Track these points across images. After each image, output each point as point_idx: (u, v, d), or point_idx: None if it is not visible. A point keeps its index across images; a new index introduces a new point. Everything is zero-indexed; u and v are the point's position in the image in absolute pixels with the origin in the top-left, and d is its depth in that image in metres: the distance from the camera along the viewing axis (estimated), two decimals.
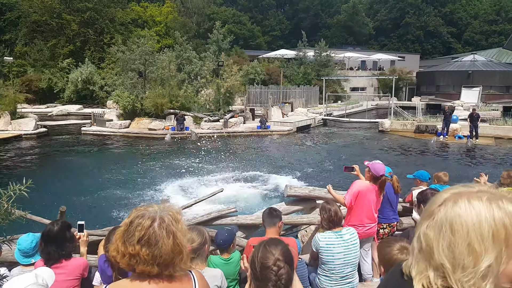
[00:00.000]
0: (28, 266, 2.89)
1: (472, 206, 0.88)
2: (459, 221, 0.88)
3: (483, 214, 0.86)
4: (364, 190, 4.00)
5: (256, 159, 14.11)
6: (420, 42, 73.46)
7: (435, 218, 0.92)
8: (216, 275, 2.66)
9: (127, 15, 39.06)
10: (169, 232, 1.33)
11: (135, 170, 12.40)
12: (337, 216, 3.39)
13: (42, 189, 9.66)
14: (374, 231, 4.14)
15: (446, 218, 0.90)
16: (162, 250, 1.30)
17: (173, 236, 1.33)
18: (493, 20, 74.05)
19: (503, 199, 0.89)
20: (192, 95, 22.23)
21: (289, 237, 3.73)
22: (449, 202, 0.92)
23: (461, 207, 0.89)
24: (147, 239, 1.31)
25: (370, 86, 47.09)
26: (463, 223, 0.87)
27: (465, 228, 0.86)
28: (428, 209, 0.97)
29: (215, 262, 3.05)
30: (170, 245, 1.32)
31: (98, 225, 5.17)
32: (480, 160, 14.43)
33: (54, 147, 16.62)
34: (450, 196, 0.94)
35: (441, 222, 0.90)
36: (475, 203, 0.88)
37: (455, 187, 0.97)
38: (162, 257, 1.31)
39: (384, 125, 20.93)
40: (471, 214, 0.87)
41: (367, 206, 3.97)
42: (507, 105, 33.02)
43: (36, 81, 31.22)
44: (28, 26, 34.51)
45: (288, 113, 25.56)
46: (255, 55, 45.74)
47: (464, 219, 0.87)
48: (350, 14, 70.20)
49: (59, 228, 2.81)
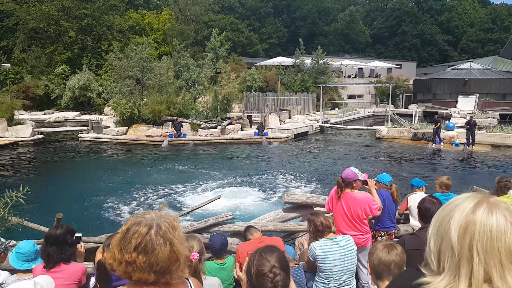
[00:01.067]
0: (25, 273, 2.87)
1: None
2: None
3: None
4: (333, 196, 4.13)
5: (253, 166, 14.12)
6: (416, 50, 74.15)
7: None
8: (213, 284, 2.66)
9: (125, 22, 39.27)
10: (166, 240, 1.32)
11: (132, 177, 12.36)
12: (322, 225, 3.39)
13: (38, 196, 9.62)
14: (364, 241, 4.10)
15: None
16: (158, 257, 1.30)
17: (170, 243, 1.32)
18: (489, 29, 74.94)
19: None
20: (190, 102, 22.28)
21: (275, 237, 3.80)
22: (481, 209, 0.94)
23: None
24: (144, 246, 1.30)
25: (367, 93, 47.36)
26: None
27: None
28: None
29: (210, 267, 3.09)
30: (167, 252, 1.31)
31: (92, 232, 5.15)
32: (476, 167, 14.49)
33: (51, 154, 16.57)
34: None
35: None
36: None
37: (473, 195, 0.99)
38: (158, 265, 1.30)
39: (381, 133, 21.01)
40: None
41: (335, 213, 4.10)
42: (503, 112, 33.25)
43: (33, 88, 31.23)
44: (26, 33, 34.62)
45: (286, 120, 25.63)
46: (253, 62, 45.99)
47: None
48: (347, 22, 70.87)
49: (62, 231, 2.86)
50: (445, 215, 0.98)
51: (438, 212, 1.03)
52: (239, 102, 28.84)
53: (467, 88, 40.62)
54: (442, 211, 1.01)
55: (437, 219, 1.01)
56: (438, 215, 1.02)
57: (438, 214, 1.02)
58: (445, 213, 0.99)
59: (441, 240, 0.96)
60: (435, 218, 1.02)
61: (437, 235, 0.98)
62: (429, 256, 0.99)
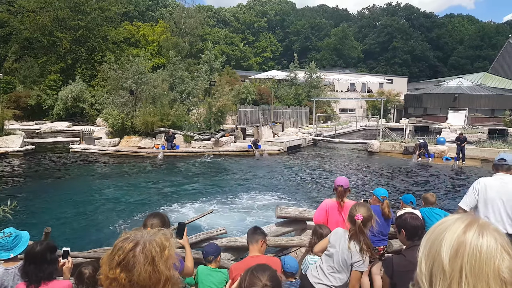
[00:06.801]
0: (9, 262, 2.85)
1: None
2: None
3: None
4: (331, 207, 4.06)
5: (247, 179, 14.06)
6: (407, 65, 75.58)
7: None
8: None
9: (120, 34, 39.41)
10: (148, 258, 1.27)
11: (123, 190, 12.21)
12: None
13: (27, 209, 9.44)
14: None
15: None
16: (140, 276, 1.25)
17: (153, 262, 1.27)
18: (477, 46, 76.84)
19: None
20: (184, 114, 22.27)
21: (272, 257, 3.73)
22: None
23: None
24: (126, 263, 1.26)
25: (359, 107, 47.93)
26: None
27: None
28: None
29: (202, 270, 3.45)
30: (149, 271, 1.26)
31: (81, 246, 5.04)
32: (467, 181, 14.63)
33: (41, 165, 16.33)
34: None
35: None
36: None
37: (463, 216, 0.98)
38: (139, 284, 1.26)
39: (373, 146, 21.17)
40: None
41: (336, 224, 4.00)
42: (492, 128, 33.83)
43: (24, 98, 30.99)
44: (19, 43, 34.55)
45: (279, 133, 25.72)
46: (247, 75, 46.38)
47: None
48: (340, 38, 72.15)
49: (41, 248, 2.76)
50: (436, 237, 0.97)
51: (429, 232, 1.01)
52: (233, 115, 28.92)
53: (457, 103, 41.35)
54: (433, 232, 0.99)
55: (428, 240, 0.99)
56: (428, 236, 1.00)
57: (428, 235, 1.01)
58: (436, 235, 0.97)
59: (433, 262, 0.95)
60: (425, 239, 1.00)
61: (428, 256, 0.96)
62: (421, 278, 0.96)
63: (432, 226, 1.02)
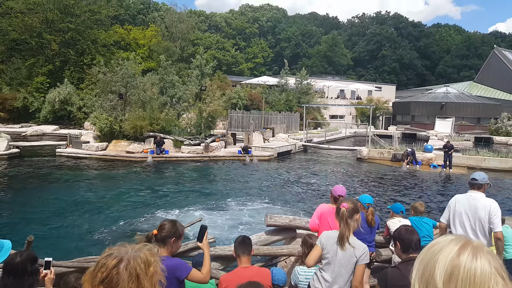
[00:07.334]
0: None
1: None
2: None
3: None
4: (326, 211, 4.11)
5: (236, 186, 13.97)
6: (396, 73, 76.69)
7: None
8: None
9: (110, 37, 39.05)
10: (132, 275, 1.23)
11: (108, 195, 12.01)
12: None
13: (9, 217, 9.19)
14: None
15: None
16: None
17: (137, 279, 1.24)
18: (464, 55, 78.51)
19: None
20: (174, 118, 22.11)
21: (263, 268, 3.68)
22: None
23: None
24: (109, 281, 1.22)
25: (348, 114, 48.38)
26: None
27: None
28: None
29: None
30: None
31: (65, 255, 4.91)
32: (454, 188, 14.80)
33: (25, 169, 15.97)
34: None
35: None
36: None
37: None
38: None
39: (362, 153, 21.32)
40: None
41: (332, 229, 3.97)
42: (478, 135, 34.47)
43: (11, 100, 30.35)
44: (6, 44, 33.92)
45: (269, 139, 25.73)
46: (238, 80, 46.41)
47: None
48: (330, 45, 72.89)
49: (21, 259, 2.64)
50: (430, 259, 0.95)
51: (422, 254, 0.99)
52: (223, 120, 28.84)
53: (444, 111, 42.08)
54: (426, 254, 0.98)
55: (421, 262, 0.97)
56: (421, 258, 0.99)
57: (421, 257, 0.99)
58: (430, 257, 0.96)
59: (426, 285, 0.93)
60: (418, 261, 0.98)
61: (421, 279, 0.95)
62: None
63: (425, 247, 1.01)
